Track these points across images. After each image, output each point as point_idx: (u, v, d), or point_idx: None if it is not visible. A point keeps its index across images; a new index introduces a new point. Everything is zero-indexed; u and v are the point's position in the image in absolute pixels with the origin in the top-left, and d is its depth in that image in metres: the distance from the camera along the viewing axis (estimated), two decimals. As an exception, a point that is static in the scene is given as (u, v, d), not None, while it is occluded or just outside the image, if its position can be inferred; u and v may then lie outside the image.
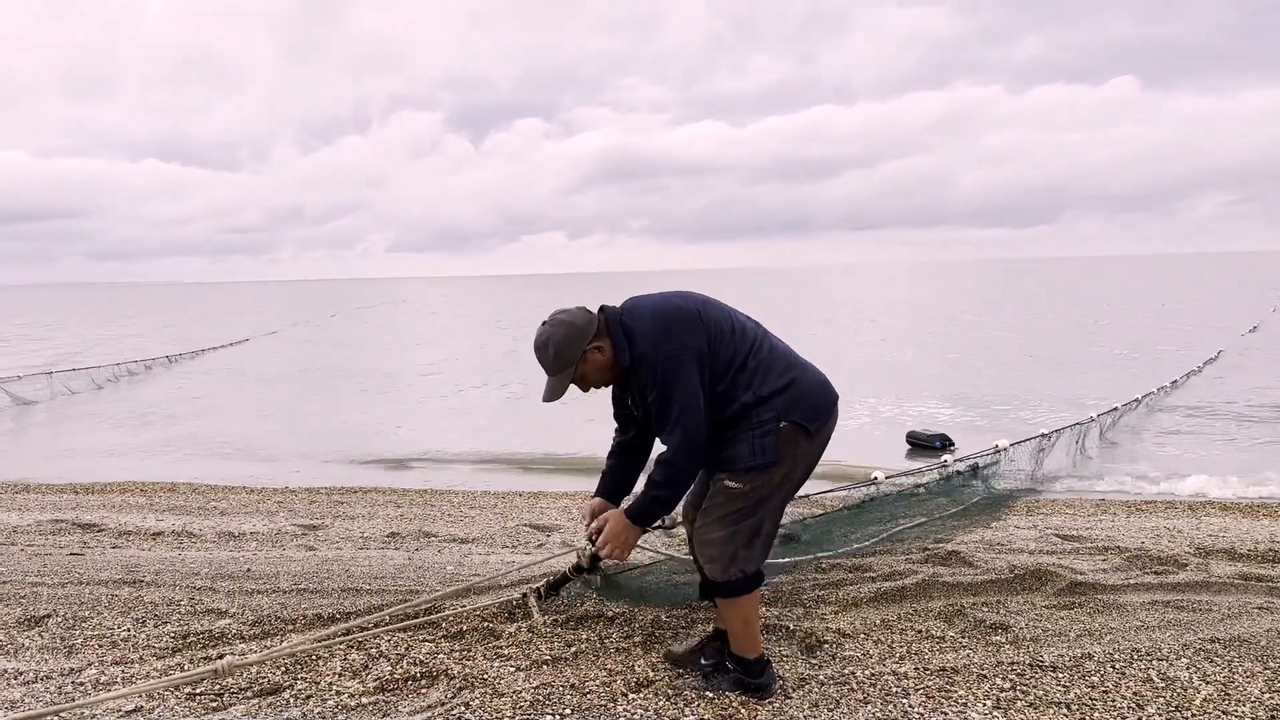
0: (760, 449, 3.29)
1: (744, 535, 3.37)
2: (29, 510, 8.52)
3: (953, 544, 5.74)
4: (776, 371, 3.37)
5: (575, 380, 3.42)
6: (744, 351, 3.37)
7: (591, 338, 3.37)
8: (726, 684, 3.51)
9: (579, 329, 3.37)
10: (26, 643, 4.28)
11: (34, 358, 27.46)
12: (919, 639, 4.04)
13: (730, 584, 3.40)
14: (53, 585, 5.30)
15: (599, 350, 3.38)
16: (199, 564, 5.87)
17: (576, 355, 3.36)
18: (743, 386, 3.33)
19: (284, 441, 14.95)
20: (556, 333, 3.36)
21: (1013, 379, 20.57)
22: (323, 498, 9.70)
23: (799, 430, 3.32)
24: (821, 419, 3.39)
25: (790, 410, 3.32)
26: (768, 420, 3.30)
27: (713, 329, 3.35)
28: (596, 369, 3.41)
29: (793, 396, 3.34)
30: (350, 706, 3.44)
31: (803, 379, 3.40)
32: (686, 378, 3.25)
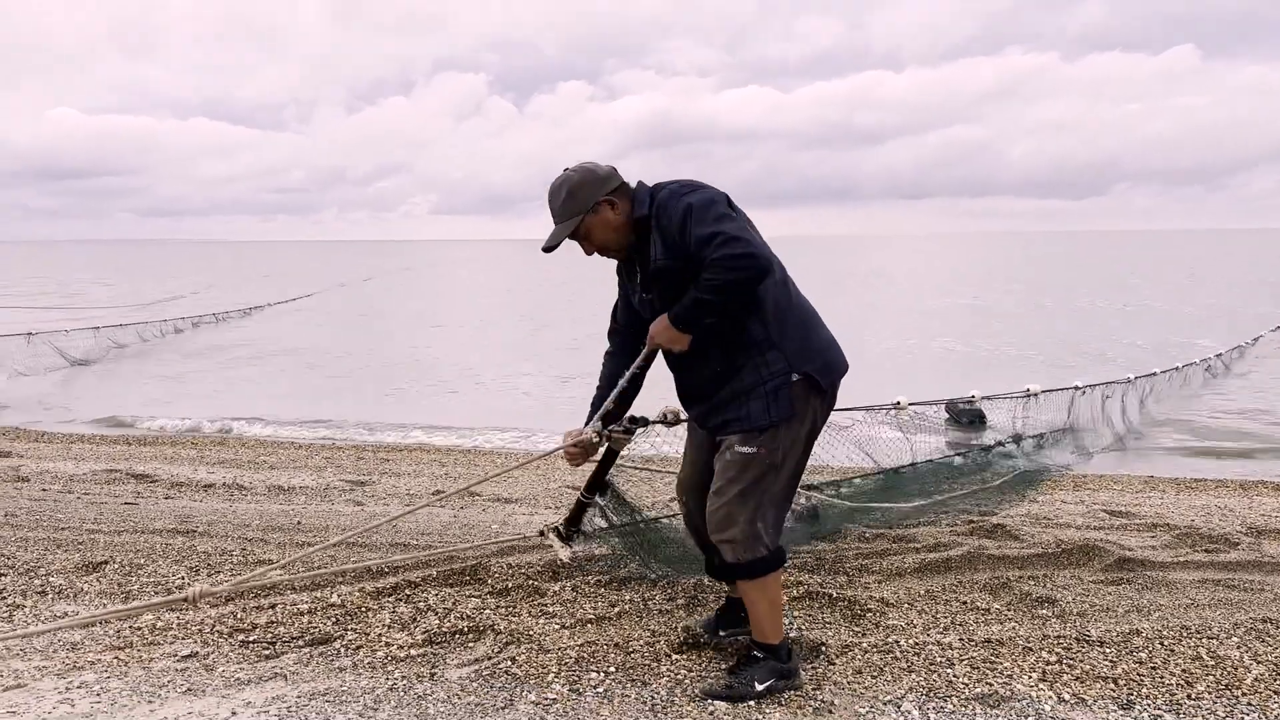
0: (774, 405, 3.05)
1: (766, 507, 3.13)
2: (84, 460, 8.72)
3: (998, 517, 5.70)
4: (795, 316, 3.14)
5: (580, 235, 3.16)
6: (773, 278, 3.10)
7: (609, 190, 3.13)
8: (760, 675, 3.20)
9: (599, 177, 3.13)
10: (85, 587, 4.40)
11: (82, 313, 27.94)
12: (964, 610, 4.03)
13: (754, 563, 3.13)
14: (109, 533, 5.43)
15: (611, 206, 3.13)
16: (250, 516, 5.98)
17: (588, 203, 3.10)
18: (760, 314, 3.06)
19: (331, 399, 15.14)
20: (575, 176, 3.13)
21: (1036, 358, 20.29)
22: (369, 455, 9.83)
23: (812, 385, 3.10)
24: (834, 375, 3.17)
25: (802, 360, 3.08)
26: (779, 372, 3.06)
27: (741, 213, 3.08)
28: (604, 226, 3.14)
29: (806, 345, 3.12)
30: (399, 658, 3.50)
31: (817, 330, 3.19)
32: (721, 202, 2.99)
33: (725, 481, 3.13)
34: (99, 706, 3.12)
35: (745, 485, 3.10)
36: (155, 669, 3.42)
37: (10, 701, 3.14)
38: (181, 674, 3.37)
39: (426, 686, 3.26)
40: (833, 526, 5.08)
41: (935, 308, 32.70)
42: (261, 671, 3.39)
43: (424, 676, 3.34)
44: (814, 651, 3.54)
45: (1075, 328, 25.85)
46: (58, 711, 3.08)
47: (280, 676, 3.34)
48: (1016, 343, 22.09)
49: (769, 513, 3.15)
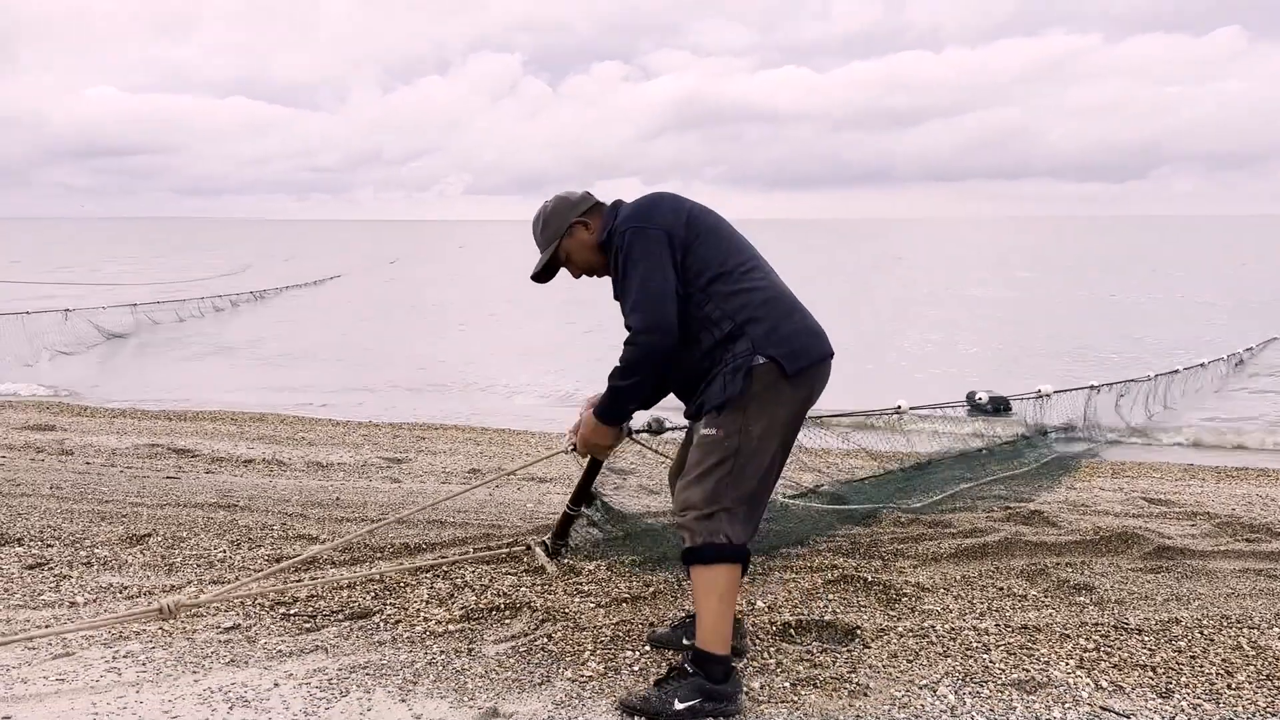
0: (732, 382, 2.96)
1: (726, 494, 2.95)
2: (126, 434, 8.87)
3: (1035, 504, 5.67)
4: (759, 300, 3.05)
5: (561, 260, 3.32)
6: (728, 265, 3.08)
7: (582, 213, 3.27)
8: (684, 693, 2.89)
9: (570, 202, 3.29)
10: (130, 559, 4.48)
11: (121, 290, 28.28)
12: (1000, 596, 4.01)
13: (711, 549, 2.93)
14: (152, 506, 5.52)
15: (585, 226, 3.27)
16: (289, 491, 6.07)
17: (563, 228, 3.26)
18: (717, 301, 3.03)
19: (366, 376, 15.28)
20: (549, 205, 3.32)
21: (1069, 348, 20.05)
22: (405, 433, 9.92)
23: (777, 370, 2.96)
24: (803, 362, 3.01)
25: (766, 344, 2.98)
26: (742, 354, 2.98)
27: (698, 225, 3.11)
28: (580, 247, 3.28)
29: (772, 329, 3.01)
30: (437, 633, 3.54)
31: (789, 317, 3.08)
32: (652, 253, 3.01)
33: (689, 464, 3.08)
34: (145, 676, 3.18)
35: (705, 468, 2.98)
36: (199, 640, 3.48)
37: (59, 669, 3.22)
38: (225, 645, 3.43)
39: (464, 661, 3.30)
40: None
41: (963, 298, 32.38)
42: (303, 644, 3.44)
43: (462, 652, 3.38)
44: (849, 635, 3.54)
45: (1113, 319, 25.50)
46: (105, 680, 3.15)
47: (321, 649, 3.40)
48: (1046, 337, 21.84)
49: (732, 506, 2.96)
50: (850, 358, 17.55)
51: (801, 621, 3.64)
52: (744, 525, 3.00)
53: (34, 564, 4.35)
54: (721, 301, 3.03)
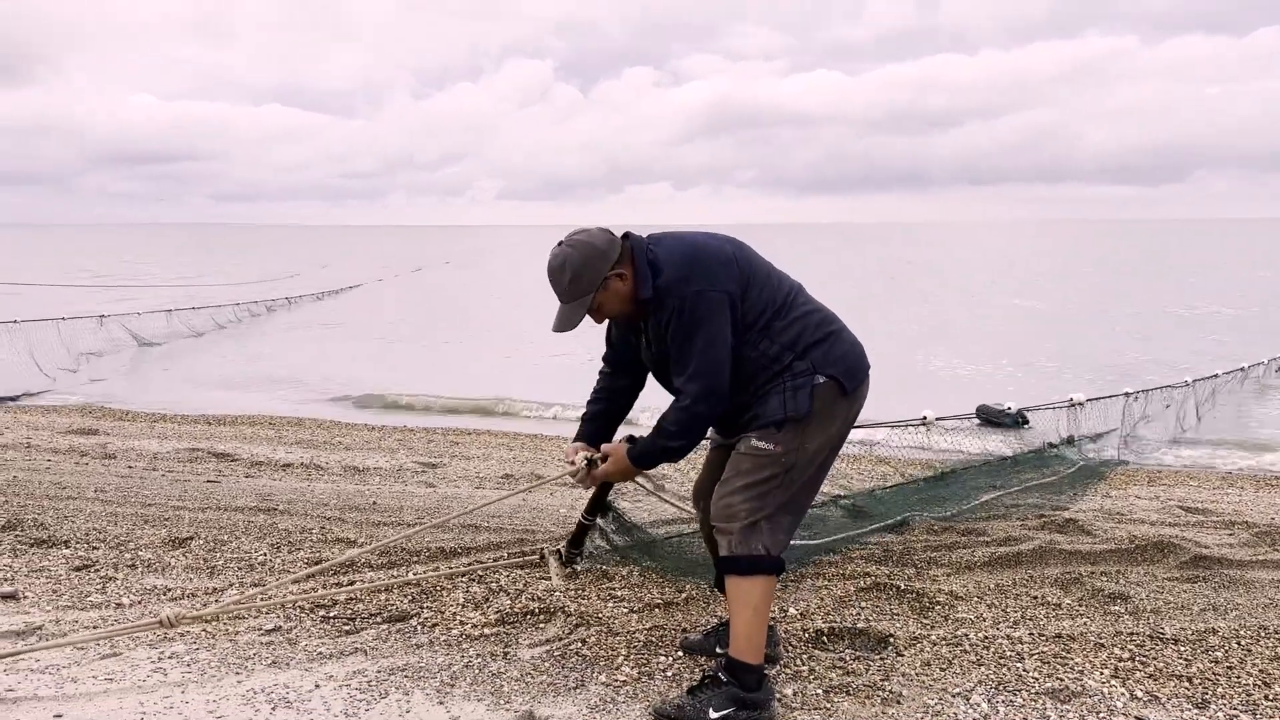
0: (794, 400, 2.96)
1: (771, 505, 2.99)
2: (167, 439, 9.02)
3: (1070, 512, 5.64)
4: (813, 325, 3.07)
5: (590, 310, 3.08)
6: (779, 301, 3.07)
7: (614, 263, 3.02)
8: (718, 702, 2.93)
9: (600, 252, 3.01)
10: (172, 562, 4.58)
11: (157, 295, 28.66)
12: (1034, 605, 4.00)
13: (750, 560, 2.96)
14: (193, 509, 5.63)
15: (620, 278, 3.03)
16: (327, 495, 6.16)
17: (596, 281, 3.01)
18: (774, 337, 3.01)
19: (399, 382, 15.40)
20: (575, 255, 3.00)
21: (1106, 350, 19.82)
22: (439, 438, 10.01)
23: (836, 388, 3.02)
24: (858, 379, 3.09)
25: (826, 364, 3.01)
26: (803, 373, 2.99)
27: (747, 270, 3.05)
28: (616, 299, 3.06)
29: (829, 350, 3.04)
30: (473, 636, 3.60)
31: (841, 336, 3.12)
32: (715, 318, 2.94)
33: (734, 473, 3.04)
34: (189, 676, 3.25)
35: (753, 480, 2.99)
36: (241, 641, 3.55)
37: (108, 669, 3.30)
38: (266, 647, 3.50)
39: (500, 665, 3.35)
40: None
41: (995, 305, 32.11)
42: (342, 646, 3.50)
43: (497, 655, 3.43)
44: (882, 643, 3.55)
45: (1150, 329, 25.21)
46: (151, 680, 3.22)
47: (360, 651, 3.46)
48: (1080, 345, 21.62)
49: (776, 516, 3.01)
50: (887, 365, 17.51)
51: (834, 629, 3.65)
52: (784, 536, 3.05)
53: (81, 565, 4.45)
54: (779, 335, 3.02)
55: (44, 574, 4.33)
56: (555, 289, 3.07)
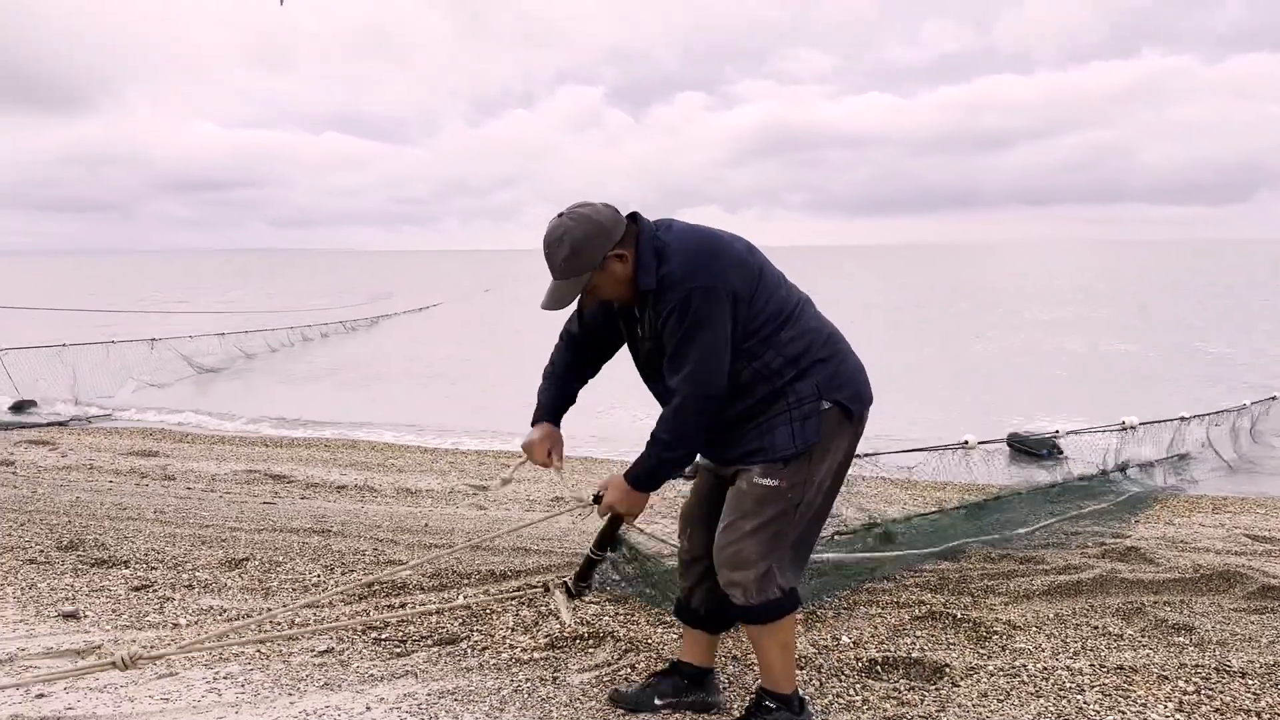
0: (801, 432, 2.80)
1: (782, 547, 2.87)
2: (225, 460, 9.17)
3: (1131, 540, 5.51)
4: (819, 342, 2.88)
5: (584, 289, 2.87)
6: (786, 311, 2.87)
7: (616, 243, 2.82)
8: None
9: (603, 229, 2.80)
10: (229, 582, 4.64)
11: (214, 320, 29.15)
12: (1095, 635, 3.91)
13: (769, 607, 2.87)
14: (250, 530, 5.71)
15: (621, 260, 2.82)
16: (380, 517, 6.21)
17: (596, 259, 2.79)
18: (778, 349, 2.82)
19: (451, 404, 15.54)
20: (575, 229, 2.79)
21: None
22: (490, 460, 10.07)
23: (842, 414, 2.86)
24: (863, 404, 2.92)
25: (832, 387, 2.84)
26: (808, 399, 2.81)
27: (757, 274, 2.85)
28: (613, 281, 2.85)
29: (836, 372, 2.87)
30: (523, 660, 3.59)
31: (847, 357, 2.94)
32: (717, 318, 2.74)
33: (739, 515, 2.87)
34: (243, 697, 3.28)
35: (761, 521, 2.83)
36: (294, 663, 3.58)
37: (164, 689, 3.34)
38: (319, 669, 3.52)
39: (549, 690, 3.33)
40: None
41: (1049, 324, 31.60)
42: (394, 668, 3.52)
43: (547, 680, 3.42)
44: (938, 673, 3.48)
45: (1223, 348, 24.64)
46: (206, 700, 3.26)
47: (411, 674, 3.47)
48: (1145, 369, 21.18)
49: (786, 553, 2.90)
50: (942, 386, 17.31)
51: (888, 658, 3.59)
52: (795, 570, 2.96)
53: (139, 585, 4.53)
54: (783, 348, 2.83)
55: (104, 594, 4.41)
56: (550, 263, 2.84)
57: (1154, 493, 7.58)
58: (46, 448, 9.48)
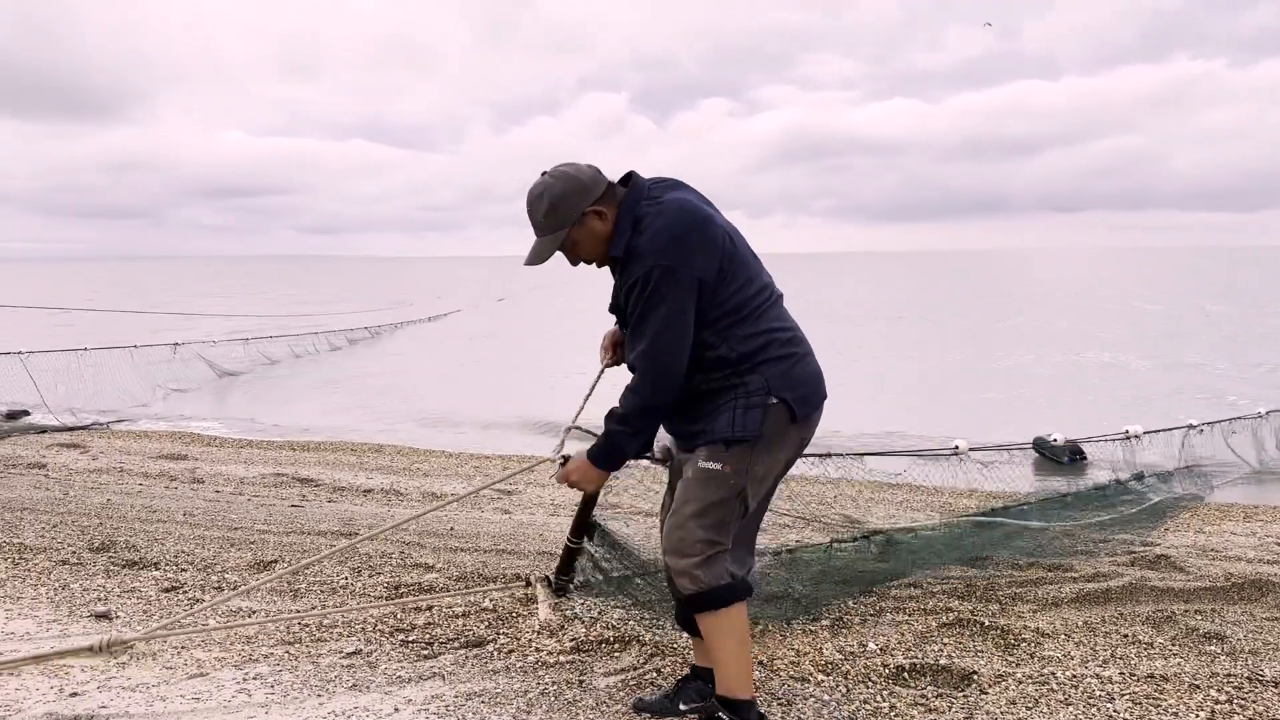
0: (743, 420, 2.81)
1: (725, 531, 2.87)
2: (253, 464, 9.25)
3: (1161, 548, 5.46)
4: (778, 342, 2.88)
5: (565, 247, 2.93)
6: (750, 306, 2.86)
7: (595, 200, 2.87)
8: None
9: (582, 186, 2.87)
10: (257, 584, 4.67)
11: (237, 324, 29.24)
12: (1125, 643, 3.87)
13: (719, 591, 2.84)
14: (278, 533, 5.76)
15: (599, 216, 2.88)
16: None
17: (573, 215, 2.86)
18: (733, 343, 2.83)
19: (476, 410, 15.59)
20: (555, 185, 2.86)
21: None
22: (514, 465, 10.09)
23: (788, 414, 2.85)
24: (810, 407, 2.92)
25: (782, 385, 2.84)
26: (756, 392, 2.82)
27: (729, 262, 2.83)
28: (592, 238, 2.90)
29: (788, 372, 2.86)
30: (549, 664, 3.60)
31: (804, 360, 2.93)
32: (678, 299, 2.74)
33: (682, 501, 2.89)
34: (273, 698, 3.31)
35: (704, 504, 2.84)
36: (323, 664, 3.61)
37: (195, 689, 3.38)
38: (347, 670, 3.55)
39: (576, 693, 3.34)
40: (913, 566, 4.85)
41: (1077, 330, 31.33)
42: (421, 670, 3.54)
43: (573, 683, 3.43)
44: (965, 680, 3.47)
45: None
46: (236, 700, 3.29)
47: (438, 676, 3.49)
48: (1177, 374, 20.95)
49: (729, 541, 2.89)
50: (967, 390, 17.21)
51: (916, 665, 3.58)
52: (741, 561, 2.98)
53: (170, 587, 4.58)
54: (739, 343, 2.83)
55: (135, 595, 4.46)
56: (531, 219, 2.92)
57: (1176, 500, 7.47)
58: (77, 450, 9.59)
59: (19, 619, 4.10)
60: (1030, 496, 6.65)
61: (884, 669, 3.55)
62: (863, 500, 7.32)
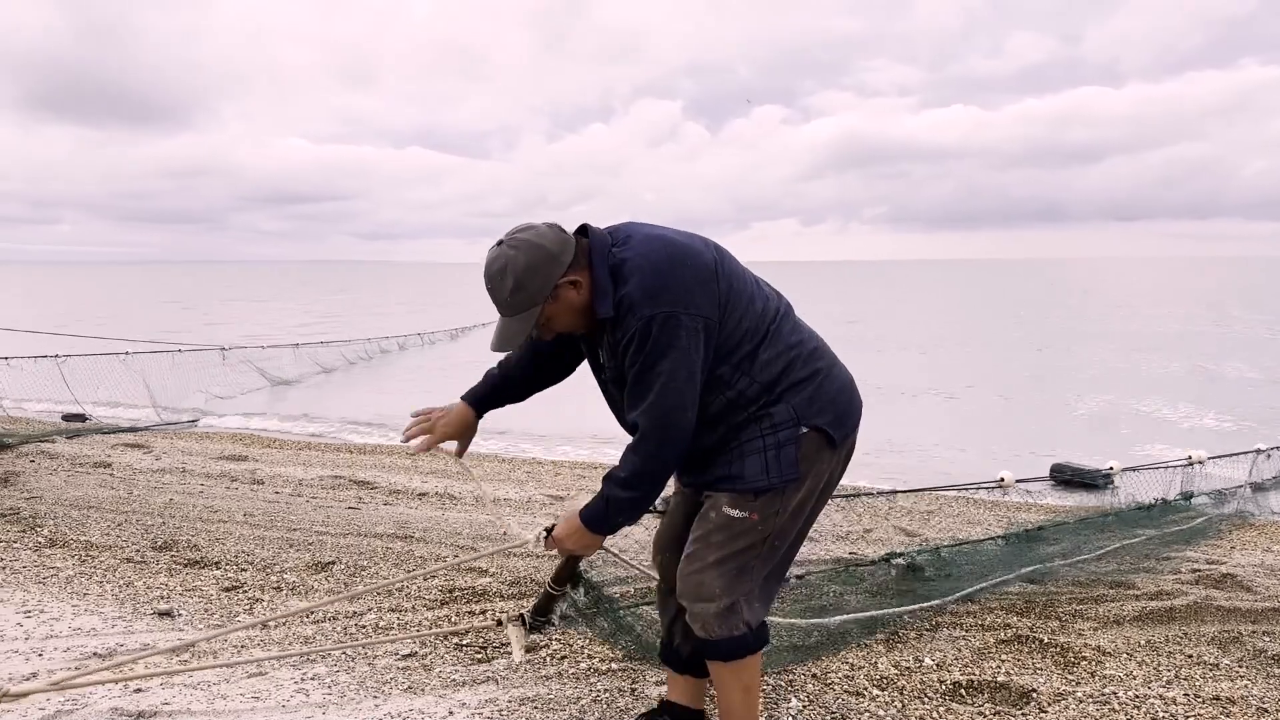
0: (776, 464, 2.54)
1: (750, 582, 2.62)
2: (312, 466, 9.39)
3: (1227, 566, 5.33)
4: (800, 360, 2.59)
5: (539, 324, 2.57)
6: (763, 328, 2.58)
7: (566, 268, 2.50)
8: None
9: (550, 255, 2.48)
10: (315, 585, 4.75)
11: (291, 331, 29.53)
12: (1189, 664, 3.78)
13: (731, 642, 2.62)
14: (335, 535, 5.84)
15: (574, 286, 2.51)
16: (460, 524, 6.30)
17: (546, 290, 2.49)
18: (754, 374, 2.55)
19: (529, 417, 15.65)
20: (519, 258, 2.47)
21: None
22: (566, 470, 10.14)
23: (823, 439, 2.58)
24: (848, 426, 2.65)
25: (811, 412, 2.56)
26: (784, 424, 2.54)
27: (728, 289, 2.53)
28: (568, 311, 2.55)
29: (816, 394, 2.58)
30: (601, 670, 3.61)
31: (831, 373, 2.65)
32: (684, 348, 2.43)
33: (703, 545, 2.62)
34: (330, 698, 3.36)
35: (727, 553, 2.58)
36: (379, 666, 3.65)
37: (254, 688, 3.44)
38: (402, 672, 3.59)
39: (627, 701, 3.34)
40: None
41: (1141, 335, 30.68)
42: (475, 674, 3.57)
43: (625, 691, 3.43)
44: (1024, 698, 3.41)
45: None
46: (294, 700, 3.34)
47: (492, 680, 3.51)
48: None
49: (754, 588, 2.64)
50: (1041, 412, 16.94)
51: (973, 682, 3.53)
52: (763, 605, 2.71)
53: (230, 587, 4.66)
54: (760, 371, 2.55)
55: (196, 593, 4.55)
56: (494, 299, 2.53)
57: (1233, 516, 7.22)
58: (141, 450, 9.81)
59: (85, 615, 4.20)
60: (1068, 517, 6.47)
61: (940, 685, 3.50)
62: (918, 513, 7.24)
